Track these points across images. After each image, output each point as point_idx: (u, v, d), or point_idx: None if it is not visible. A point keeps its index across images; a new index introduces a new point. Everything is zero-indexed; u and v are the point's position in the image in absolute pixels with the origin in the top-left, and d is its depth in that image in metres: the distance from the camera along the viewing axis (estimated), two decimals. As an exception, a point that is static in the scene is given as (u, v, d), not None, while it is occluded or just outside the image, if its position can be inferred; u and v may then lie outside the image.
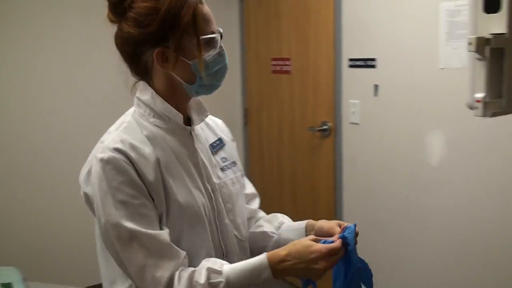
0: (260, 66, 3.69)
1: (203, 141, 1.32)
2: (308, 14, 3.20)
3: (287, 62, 3.42)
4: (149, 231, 1.11)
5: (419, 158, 2.59)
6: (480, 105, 1.29)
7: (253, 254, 1.24)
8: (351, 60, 2.93)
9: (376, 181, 2.87)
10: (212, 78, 1.22)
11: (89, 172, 1.18)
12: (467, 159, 2.37)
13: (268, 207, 1.57)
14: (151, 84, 1.25)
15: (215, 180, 1.30)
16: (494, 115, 1.30)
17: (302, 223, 1.37)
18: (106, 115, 1.52)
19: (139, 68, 1.24)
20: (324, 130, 3.16)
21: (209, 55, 1.20)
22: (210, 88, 1.25)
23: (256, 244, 1.41)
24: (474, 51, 1.28)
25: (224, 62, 1.23)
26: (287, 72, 3.43)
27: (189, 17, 1.16)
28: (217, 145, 1.37)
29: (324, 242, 1.14)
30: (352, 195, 3.07)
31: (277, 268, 1.11)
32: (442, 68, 2.42)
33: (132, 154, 1.14)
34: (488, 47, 1.27)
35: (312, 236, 1.18)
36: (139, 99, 1.26)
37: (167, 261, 1.11)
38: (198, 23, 1.17)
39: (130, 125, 1.22)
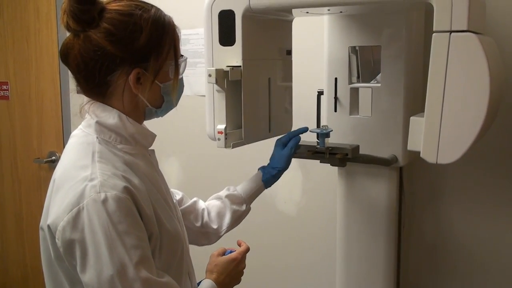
0: (-30, 91, 3.20)
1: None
2: (28, 34, 2.90)
3: (4, 87, 3.06)
4: (162, 280, 1.02)
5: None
6: (222, 136, 1.31)
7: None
8: (79, 85, 2.74)
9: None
10: (174, 101, 1.16)
11: (77, 216, 0.96)
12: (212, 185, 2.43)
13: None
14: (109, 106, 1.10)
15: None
16: (234, 146, 1.33)
17: (257, 176, 1.46)
18: None
19: (98, 87, 1.07)
20: (53, 161, 2.89)
21: (180, 77, 1.16)
22: (167, 111, 1.18)
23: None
24: (214, 83, 1.29)
25: (183, 84, 1.20)
26: (5, 97, 3.06)
27: (171, 38, 1.10)
28: None
29: (229, 252, 1.32)
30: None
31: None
32: (188, 95, 2.36)
33: (133, 189, 1.00)
34: (226, 80, 1.29)
35: (217, 252, 1.31)
36: (101, 124, 1.07)
37: None
38: (177, 45, 1.12)
39: (104, 154, 1.04)
